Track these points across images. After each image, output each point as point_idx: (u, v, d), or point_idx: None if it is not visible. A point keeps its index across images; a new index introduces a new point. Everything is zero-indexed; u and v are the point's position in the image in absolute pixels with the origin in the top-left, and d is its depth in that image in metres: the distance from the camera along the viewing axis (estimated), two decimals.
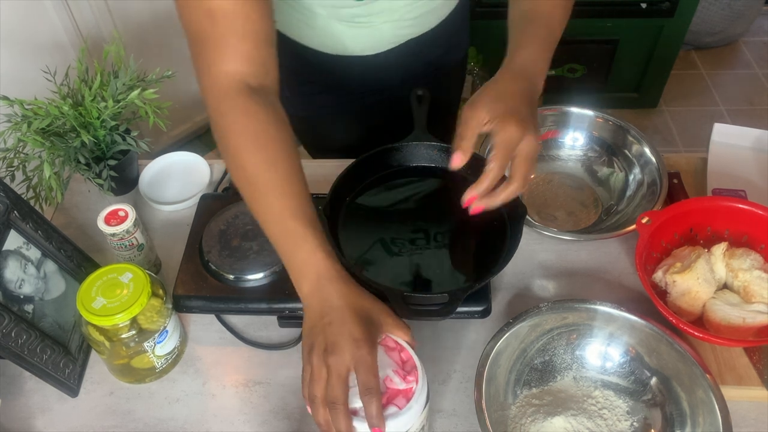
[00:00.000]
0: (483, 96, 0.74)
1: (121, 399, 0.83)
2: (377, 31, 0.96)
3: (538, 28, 0.80)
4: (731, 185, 1.01)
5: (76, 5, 1.72)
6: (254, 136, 0.71)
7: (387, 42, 1.00)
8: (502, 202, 0.72)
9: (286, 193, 0.70)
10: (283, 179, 0.70)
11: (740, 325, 0.80)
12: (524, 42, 0.79)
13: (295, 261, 0.69)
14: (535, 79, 0.77)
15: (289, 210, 0.69)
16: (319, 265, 0.68)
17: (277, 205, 0.70)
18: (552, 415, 0.77)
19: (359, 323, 0.65)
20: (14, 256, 0.80)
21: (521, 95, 0.74)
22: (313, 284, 0.68)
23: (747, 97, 2.49)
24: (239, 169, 0.71)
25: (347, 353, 0.63)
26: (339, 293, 0.67)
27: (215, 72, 0.72)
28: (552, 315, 0.80)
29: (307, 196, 0.72)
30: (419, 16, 0.97)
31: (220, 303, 0.85)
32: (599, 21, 2.13)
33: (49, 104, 0.93)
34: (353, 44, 0.98)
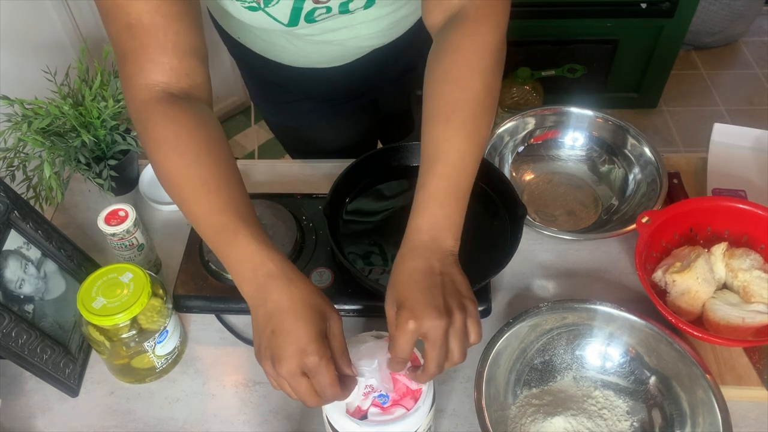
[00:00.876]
0: (388, 287, 0.67)
1: (121, 399, 0.83)
2: (338, 47, 0.93)
3: (446, 166, 0.69)
4: (731, 185, 1.01)
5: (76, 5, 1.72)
6: (175, 139, 0.69)
7: (350, 55, 0.97)
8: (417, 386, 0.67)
9: (212, 190, 0.67)
10: (208, 177, 0.67)
11: (740, 325, 0.80)
12: (428, 191, 0.69)
13: (230, 259, 0.66)
14: (441, 242, 0.67)
15: (216, 206, 0.66)
16: (253, 260, 0.64)
17: (204, 204, 0.67)
18: (552, 415, 0.77)
19: (302, 326, 0.61)
20: (14, 256, 0.80)
21: (418, 277, 0.64)
22: (252, 284, 0.64)
23: (747, 97, 2.49)
24: (164, 175, 0.69)
25: (295, 364, 0.60)
26: (278, 292, 0.63)
27: (136, 84, 0.70)
28: (552, 315, 0.80)
29: (238, 192, 0.69)
30: (379, 31, 0.92)
31: (220, 303, 0.86)
32: (599, 21, 2.13)
33: (49, 104, 0.93)
34: (318, 57, 0.96)
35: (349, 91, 1.09)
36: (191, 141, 0.69)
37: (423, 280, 0.64)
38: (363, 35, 0.91)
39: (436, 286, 0.64)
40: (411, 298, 0.63)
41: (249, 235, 0.65)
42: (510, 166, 1.07)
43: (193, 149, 0.69)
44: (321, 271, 0.86)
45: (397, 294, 0.64)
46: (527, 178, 1.08)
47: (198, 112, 0.72)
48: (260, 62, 1.00)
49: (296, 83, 1.06)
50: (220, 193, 0.67)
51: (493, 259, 0.84)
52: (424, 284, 0.64)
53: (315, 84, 1.04)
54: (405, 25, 0.96)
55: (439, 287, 0.64)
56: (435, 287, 0.64)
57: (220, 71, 2.18)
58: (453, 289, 0.65)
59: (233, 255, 0.65)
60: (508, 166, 1.06)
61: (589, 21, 2.12)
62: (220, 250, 0.66)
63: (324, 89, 1.07)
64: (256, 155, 2.21)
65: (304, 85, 1.06)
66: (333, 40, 0.91)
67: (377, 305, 0.81)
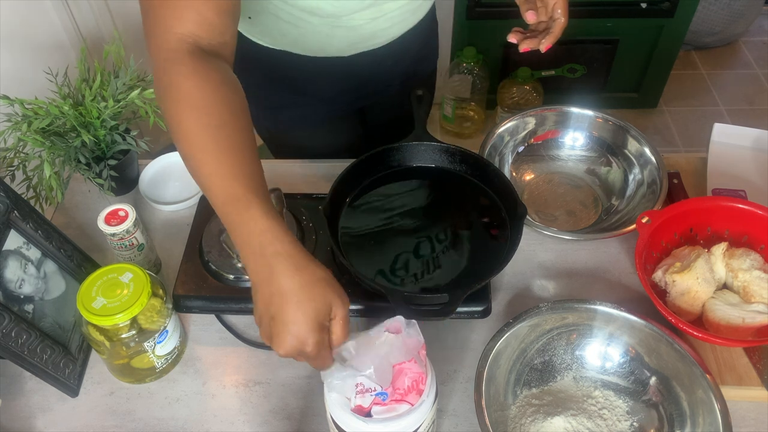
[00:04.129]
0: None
1: (121, 399, 0.83)
2: (357, 32, 0.95)
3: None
4: (731, 185, 1.01)
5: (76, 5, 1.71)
6: (201, 96, 0.66)
7: (366, 42, 0.99)
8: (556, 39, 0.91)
9: (230, 156, 0.65)
10: (227, 141, 0.65)
11: (740, 325, 0.80)
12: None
13: (239, 231, 0.64)
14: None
15: (232, 174, 0.64)
16: (264, 237, 0.62)
17: (219, 169, 0.64)
18: (552, 415, 0.77)
19: (302, 318, 0.61)
20: (14, 256, 0.80)
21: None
22: (258, 261, 0.63)
23: (747, 97, 2.49)
24: (182, 132, 0.66)
25: (292, 352, 0.62)
26: (284, 275, 0.62)
27: (167, 32, 0.68)
28: (552, 315, 0.80)
29: (255, 163, 0.67)
30: (400, 14, 0.96)
31: (220, 303, 0.85)
32: (599, 21, 2.13)
33: (49, 104, 0.93)
34: (336, 43, 0.97)
35: (343, 91, 1.10)
36: (217, 101, 0.67)
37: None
38: (386, 15, 0.94)
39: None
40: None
41: (262, 209, 0.63)
42: (510, 166, 1.07)
43: (218, 110, 0.66)
44: None
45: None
46: (527, 178, 1.08)
47: (226, 73, 0.70)
48: (268, 58, 1.00)
49: (300, 76, 1.06)
50: (237, 161, 0.65)
51: (493, 259, 0.84)
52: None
53: (318, 77, 1.05)
54: (417, 17, 1.00)
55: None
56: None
57: None
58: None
59: (243, 228, 0.63)
60: (508, 166, 1.06)
61: (589, 21, 2.12)
62: (229, 220, 0.64)
63: (324, 84, 1.07)
64: None
65: (308, 77, 1.06)
66: (356, 24, 0.93)
67: (377, 305, 0.81)
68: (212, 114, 0.66)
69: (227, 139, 0.66)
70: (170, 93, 0.67)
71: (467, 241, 0.89)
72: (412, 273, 0.84)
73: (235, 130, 0.67)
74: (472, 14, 2.07)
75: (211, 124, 0.66)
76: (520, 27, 0.96)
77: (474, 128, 2.31)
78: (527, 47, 0.94)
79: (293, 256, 0.63)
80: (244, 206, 0.63)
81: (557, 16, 0.92)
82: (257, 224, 0.63)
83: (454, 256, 0.86)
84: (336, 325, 0.64)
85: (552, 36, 0.93)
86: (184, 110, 0.66)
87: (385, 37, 1.00)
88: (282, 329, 0.62)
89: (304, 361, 0.64)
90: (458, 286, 0.81)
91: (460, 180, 0.95)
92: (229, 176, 0.64)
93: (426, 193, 0.95)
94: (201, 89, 0.66)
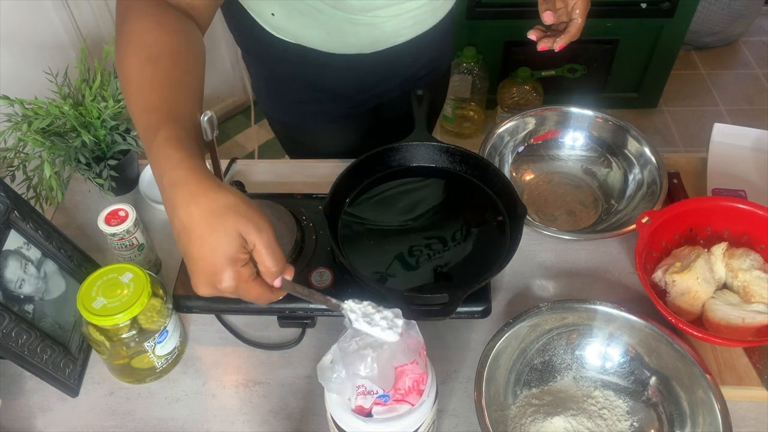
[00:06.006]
0: None
1: (121, 399, 0.83)
2: (377, 30, 0.96)
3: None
4: (731, 185, 1.01)
5: (76, 5, 1.72)
6: (142, 34, 0.65)
7: (384, 41, 1.00)
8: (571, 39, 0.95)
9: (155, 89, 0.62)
10: (158, 77, 0.62)
11: (740, 325, 0.80)
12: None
13: (150, 162, 0.59)
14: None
15: (152, 105, 0.61)
16: (161, 164, 0.57)
17: (142, 102, 0.62)
18: (552, 415, 0.77)
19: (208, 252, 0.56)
20: (14, 256, 0.80)
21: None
22: (162, 193, 0.58)
23: (747, 97, 2.49)
24: (121, 70, 0.64)
25: (212, 291, 0.57)
26: (183, 207, 0.56)
27: None
28: (552, 315, 0.80)
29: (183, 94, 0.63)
30: (419, 14, 0.97)
31: (220, 303, 0.85)
32: (599, 21, 2.13)
33: (49, 104, 0.93)
34: (354, 41, 0.98)
35: (361, 88, 1.10)
36: (158, 41, 0.65)
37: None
38: (408, 13, 0.95)
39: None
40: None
41: (167, 136, 0.58)
42: (510, 166, 1.07)
43: (157, 47, 0.64)
44: (321, 271, 0.86)
45: None
46: (527, 178, 1.08)
47: (182, 23, 0.68)
48: (289, 54, 1.01)
49: (320, 73, 1.06)
50: (161, 94, 0.62)
51: (493, 259, 0.84)
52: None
53: (338, 74, 1.05)
54: (436, 17, 1.01)
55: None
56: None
57: (220, 71, 2.18)
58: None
59: (151, 158, 0.59)
60: (508, 166, 1.06)
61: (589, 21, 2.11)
62: (146, 152, 0.60)
63: (343, 82, 1.08)
64: (256, 155, 2.21)
65: (328, 74, 1.06)
66: (378, 21, 0.94)
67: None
68: (148, 50, 0.64)
69: (160, 73, 0.63)
70: (120, 33, 0.67)
71: (467, 241, 0.89)
72: (412, 273, 0.84)
73: (172, 67, 0.64)
74: (472, 14, 2.07)
75: (145, 59, 0.64)
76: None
77: (474, 128, 2.31)
78: (545, 46, 0.96)
79: (190, 183, 0.56)
80: (152, 136, 0.59)
81: (575, 17, 0.96)
82: (160, 153, 0.58)
83: (454, 256, 0.86)
84: (258, 254, 0.58)
85: (567, 36, 0.96)
86: (127, 46, 0.65)
87: (406, 36, 1.01)
88: (192, 268, 0.57)
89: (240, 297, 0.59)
90: (458, 286, 0.81)
91: (460, 180, 0.95)
92: (149, 107, 0.61)
93: (426, 193, 0.95)
94: (146, 29, 0.65)
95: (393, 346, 0.63)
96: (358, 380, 0.63)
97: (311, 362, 0.86)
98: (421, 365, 0.65)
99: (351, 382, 0.63)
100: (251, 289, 0.59)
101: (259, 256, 0.59)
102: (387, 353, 0.63)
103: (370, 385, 0.64)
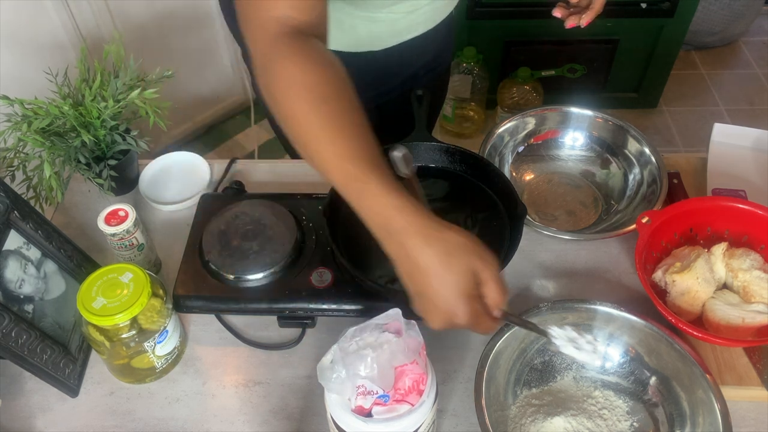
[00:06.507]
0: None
1: (121, 399, 0.83)
2: (388, 26, 0.96)
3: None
4: (731, 185, 1.01)
5: (76, 5, 1.71)
6: (303, 77, 0.66)
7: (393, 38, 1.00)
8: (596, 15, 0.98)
9: (343, 133, 0.64)
10: (337, 119, 0.65)
11: (740, 325, 0.80)
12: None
13: (362, 212, 0.63)
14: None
15: (347, 152, 0.63)
16: (385, 213, 0.61)
17: (332, 148, 0.63)
18: (552, 415, 0.77)
19: (445, 290, 0.60)
20: (14, 256, 0.80)
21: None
22: (387, 240, 0.62)
23: (747, 97, 2.48)
24: (288, 113, 0.66)
25: (446, 325, 0.62)
26: (416, 251, 0.60)
27: (264, 17, 0.68)
28: (552, 315, 0.80)
29: (368, 137, 0.66)
30: (430, 11, 0.97)
31: (220, 303, 0.85)
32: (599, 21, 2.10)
33: (49, 104, 0.93)
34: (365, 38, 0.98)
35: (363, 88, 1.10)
36: (321, 81, 0.66)
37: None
38: (421, 10, 0.95)
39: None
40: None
41: (379, 186, 0.62)
42: (510, 166, 1.07)
43: (322, 89, 0.66)
44: (321, 271, 0.86)
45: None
46: (527, 178, 1.08)
47: (325, 53, 0.69)
48: None
49: None
50: (348, 139, 0.64)
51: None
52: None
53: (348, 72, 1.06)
54: (443, 13, 1.02)
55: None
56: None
57: (220, 71, 2.18)
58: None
59: (366, 208, 0.63)
60: (508, 166, 1.06)
61: None
62: (351, 200, 0.64)
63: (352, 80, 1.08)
64: (256, 155, 2.21)
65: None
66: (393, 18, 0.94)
67: (377, 305, 0.81)
68: (316, 91, 0.65)
69: (336, 117, 0.65)
70: (275, 79, 0.67)
71: None
72: None
73: (343, 107, 0.66)
74: (472, 14, 2.07)
75: (317, 101, 0.65)
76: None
77: (474, 128, 2.31)
78: (573, 23, 0.98)
79: (420, 228, 0.61)
80: (361, 185, 0.62)
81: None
82: (378, 202, 0.61)
83: None
84: (487, 289, 0.62)
85: (593, 12, 0.98)
86: (290, 90, 0.66)
87: (416, 32, 1.01)
88: (429, 306, 0.62)
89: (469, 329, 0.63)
90: None
91: (460, 180, 0.95)
92: (343, 156, 0.63)
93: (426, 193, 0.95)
94: (304, 70, 0.66)
95: (393, 346, 0.64)
96: (358, 380, 0.63)
97: (311, 362, 0.86)
98: (421, 365, 0.65)
99: (351, 382, 0.63)
100: (483, 322, 0.63)
101: (489, 290, 0.63)
102: (387, 353, 0.63)
103: (370, 385, 0.64)
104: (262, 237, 0.88)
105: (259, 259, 0.86)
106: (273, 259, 0.86)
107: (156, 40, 1.92)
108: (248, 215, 0.91)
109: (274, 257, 0.86)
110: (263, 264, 0.85)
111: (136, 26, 1.88)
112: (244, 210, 0.91)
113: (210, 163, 1.09)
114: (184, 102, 2.08)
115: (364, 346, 0.64)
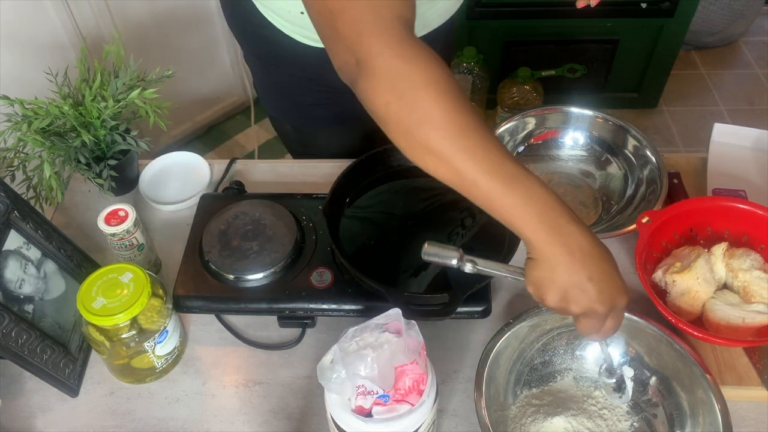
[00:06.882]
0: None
1: (121, 399, 0.83)
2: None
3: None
4: (731, 185, 1.01)
5: (76, 5, 1.71)
6: (445, 78, 0.64)
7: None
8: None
9: (486, 138, 0.64)
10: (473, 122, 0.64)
11: (740, 325, 0.80)
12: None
13: (525, 208, 0.63)
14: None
15: (502, 153, 0.63)
16: (556, 208, 0.63)
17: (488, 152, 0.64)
18: (552, 415, 0.77)
19: (617, 271, 0.65)
20: (14, 256, 0.80)
21: None
22: (552, 232, 0.63)
23: (747, 97, 2.48)
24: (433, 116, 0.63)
25: (624, 303, 0.65)
26: (586, 241, 0.63)
27: (390, 18, 0.65)
28: (552, 315, 0.80)
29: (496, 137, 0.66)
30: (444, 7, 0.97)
31: (220, 303, 0.86)
32: (599, 21, 2.13)
33: (49, 104, 0.93)
34: None
35: None
36: (454, 83, 0.65)
37: None
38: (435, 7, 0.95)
39: None
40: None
41: (541, 183, 0.64)
42: None
43: (457, 91, 0.65)
44: (321, 271, 0.86)
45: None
46: None
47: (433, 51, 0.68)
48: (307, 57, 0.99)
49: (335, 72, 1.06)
50: (494, 141, 0.65)
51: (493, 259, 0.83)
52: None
53: None
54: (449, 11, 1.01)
55: None
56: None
57: (220, 71, 2.18)
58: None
59: (530, 204, 0.63)
60: None
61: (589, 21, 2.12)
62: (513, 200, 0.63)
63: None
64: (256, 155, 2.21)
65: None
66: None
67: (377, 305, 0.81)
68: (457, 91, 0.65)
69: (470, 118, 0.64)
70: (414, 80, 0.64)
71: (467, 240, 0.89)
72: (412, 273, 0.84)
73: (471, 107, 0.66)
74: (472, 14, 2.07)
75: (461, 101, 0.64)
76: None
77: None
78: (583, 3, 0.97)
79: (583, 222, 0.65)
80: (526, 182, 0.63)
81: None
82: (547, 197, 0.63)
83: None
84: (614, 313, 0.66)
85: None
86: (436, 88, 0.64)
87: (426, 30, 1.00)
88: (607, 284, 0.64)
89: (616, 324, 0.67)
90: (458, 286, 0.81)
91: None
92: (505, 156, 0.64)
93: (426, 194, 0.95)
94: (441, 74, 0.65)
95: (393, 346, 0.63)
96: (358, 380, 0.63)
97: (311, 362, 0.86)
98: (421, 365, 0.65)
99: (351, 382, 0.63)
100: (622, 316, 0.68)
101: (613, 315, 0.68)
102: (387, 353, 0.63)
103: (370, 385, 0.64)
104: (262, 237, 0.88)
105: (259, 259, 0.86)
106: (273, 259, 0.86)
107: (156, 40, 1.92)
108: (248, 215, 0.91)
109: (274, 257, 0.86)
110: (263, 264, 0.85)
111: (136, 26, 1.88)
112: (244, 210, 0.91)
113: (210, 163, 1.09)
114: (184, 102, 2.08)
115: (364, 346, 0.64)
